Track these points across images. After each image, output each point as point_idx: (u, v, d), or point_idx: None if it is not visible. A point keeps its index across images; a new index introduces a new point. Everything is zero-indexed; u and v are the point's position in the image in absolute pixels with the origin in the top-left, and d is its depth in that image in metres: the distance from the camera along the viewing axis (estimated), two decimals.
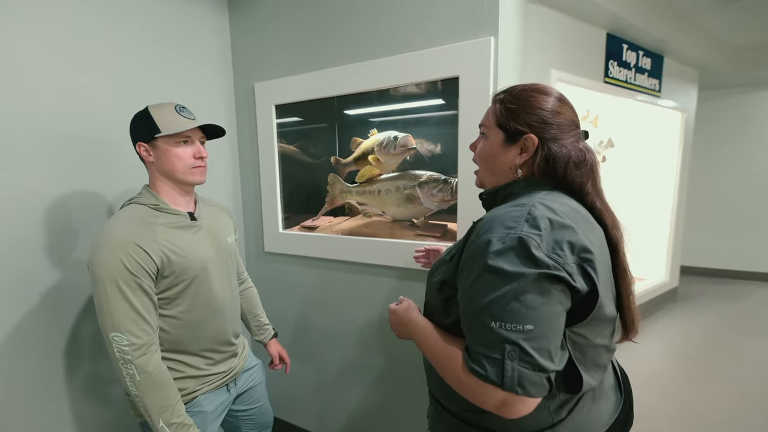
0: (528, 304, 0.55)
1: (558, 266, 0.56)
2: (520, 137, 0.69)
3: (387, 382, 1.53)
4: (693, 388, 2.35)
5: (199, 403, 1.03)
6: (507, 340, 0.56)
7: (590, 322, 0.62)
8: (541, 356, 0.55)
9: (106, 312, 0.87)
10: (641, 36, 2.58)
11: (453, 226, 1.30)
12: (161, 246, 0.93)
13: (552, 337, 0.56)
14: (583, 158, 0.68)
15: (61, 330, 1.26)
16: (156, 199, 0.98)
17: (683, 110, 3.45)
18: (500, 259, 0.57)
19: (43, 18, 1.17)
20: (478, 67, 1.15)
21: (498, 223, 0.61)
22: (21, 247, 1.15)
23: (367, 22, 1.36)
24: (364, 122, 1.44)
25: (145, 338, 0.89)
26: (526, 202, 0.63)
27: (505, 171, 0.72)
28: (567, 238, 0.58)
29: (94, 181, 1.31)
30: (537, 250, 0.56)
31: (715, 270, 4.67)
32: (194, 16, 1.57)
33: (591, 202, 0.68)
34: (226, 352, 1.10)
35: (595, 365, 0.66)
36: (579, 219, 0.63)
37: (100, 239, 0.89)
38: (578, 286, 0.57)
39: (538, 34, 2.01)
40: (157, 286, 0.94)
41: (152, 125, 0.96)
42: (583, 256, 0.59)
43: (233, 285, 1.14)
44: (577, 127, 0.71)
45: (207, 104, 1.65)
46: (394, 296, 1.45)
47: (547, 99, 0.69)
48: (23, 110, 1.14)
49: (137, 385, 0.88)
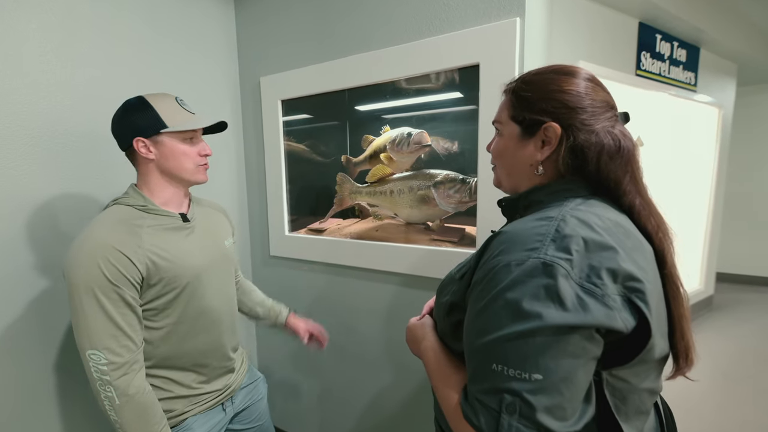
0: (541, 348, 0.44)
1: (593, 300, 0.44)
2: (538, 128, 0.56)
3: (398, 395, 1.42)
4: (733, 409, 2.14)
5: (188, 426, 0.93)
6: (507, 389, 0.45)
7: (635, 364, 0.49)
8: (548, 414, 0.43)
9: (82, 326, 0.78)
10: (676, 25, 2.39)
11: (471, 230, 1.18)
12: (147, 251, 0.83)
13: (568, 392, 0.44)
14: (618, 146, 0.54)
15: (47, 334, 1.20)
16: (144, 199, 0.89)
17: (720, 106, 3.23)
18: (515, 289, 0.46)
19: (42, 9, 1.12)
20: (501, 52, 1.02)
21: (518, 241, 0.49)
22: (15, 247, 1.11)
23: (378, 8, 1.26)
24: (376, 118, 1.34)
25: (127, 356, 0.80)
26: (555, 214, 0.51)
27: (525, 169, 0.59)
28: (606, 265, 0.46)
29: (95, 180, 1.25)
30: (565, 279, 0.44)
31: (753, 277, 4.38)
32: (198, 7, 1.50)
33: (630, 203, 0.55)
34: (222, 367, 1.00)
35: (638, 413, 0.53)
36: (622, 235, 0.50)
37: (77, 243, 0.80)
38: (620, 326, 0.45)
39: (563, 22, 1.87)
40: (142, 296, 0.85)
41: (155, 118, 0.86)
42: (630, 285, 0.46)
43: (231, 293, 1.04)
44: (612, 109, 0.57)
45: (212, 100, 1.58)
46: (406, 306, 1.34)
47: (569, 80, 0.56)
48: (20, 106, 1.09)
49: (116, 410, 0.79)
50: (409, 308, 1.33)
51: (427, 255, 1.26)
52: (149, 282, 0.84)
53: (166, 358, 0.90)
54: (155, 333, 0.88)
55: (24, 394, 1.15)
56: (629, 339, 0.47)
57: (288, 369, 1.72)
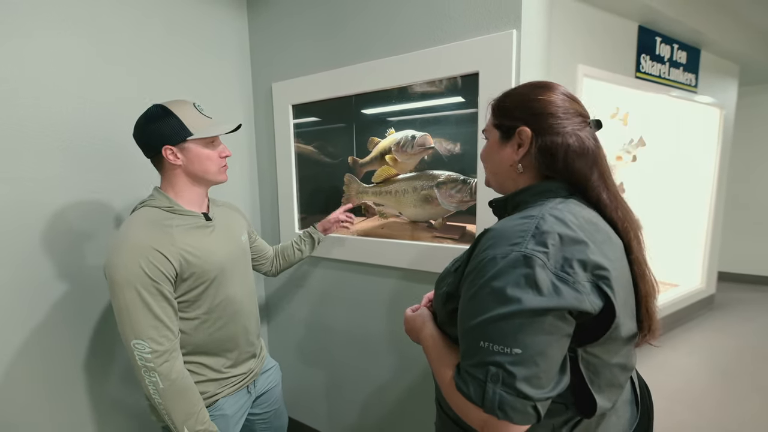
0: (520, 327, 0.51)
1: (565, 286, 0.51)
2: (514, 132, 0.66)
3: (402, 384, 1.49)
4: (731, 403, 2.19)
5: (220, 407, 1.02)
6: (492, 362, 0.53)
7: (605, 341, 0.57)
8: (526, 383, 0.51)
9: (126, 319, 0.85)
10: (676, 28, 2.44)
11: (472, 227, 1.25)
12: (179, 249, 0.91)
13: (543, 364, 0.52)
14: (583, 147, 0.62)
15: (74, 335, 1.28)
16: (169, 201, 0.96)
17: (721, 106, 3.25)
18: (500, 278, 0.53)
19: (66, 18, 1.19)
20: (499, 61, 1.09)
21: (503, 237, 0.57)
22: (38, 249, 1.17)
23: (383, 19, 1.33)
24: (381, 121, 1.41)
25: (167, 345, 0.87)
26: (536, 213, 0.58)
27: (506, 169, 0.69)
28: (578, 256, 0.53)
29: (121, 183, 1.32)
30: (542, 269, 0.52)
31: (754, 276, 4.39)
32: (214, 16, 1.58)
33: (596, 196, 0.62)
34: (247, 352, 1.09)
35: (610, 385, 0.61)
36: (593, 231, 0.57)
37: (116, 244, 0.87)
38: (588, 308, 0.52)
39: (563, 27, 1.93)
40: (176, 289, 0.92)
41: (180, 127, 0.92)
42: (598, 273, 0.54)
43: (250, 284, 1.13)
44: (581, 116, 0.65)
45: (226, 104, 1.66)
46: (409, 299, 1.41)
47: (542, 91, 0.65)
48: (41, 111, 1.15)
49: (161, 393, 0.86)
50: (412, 300, 1.39)
51: (429, 251, 1.33)
52: (182, 277, 0.92)
53: (199, 345, 0.98)
54: (189, 323, 0.96)
55: (51, 389, 1.23)
56: (598, 319, 0.54)
57: (296, 358, 1.80)
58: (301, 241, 1.40)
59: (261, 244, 1.32)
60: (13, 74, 1.10)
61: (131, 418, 1.41)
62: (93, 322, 1.30)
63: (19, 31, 1.10)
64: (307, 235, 1.41)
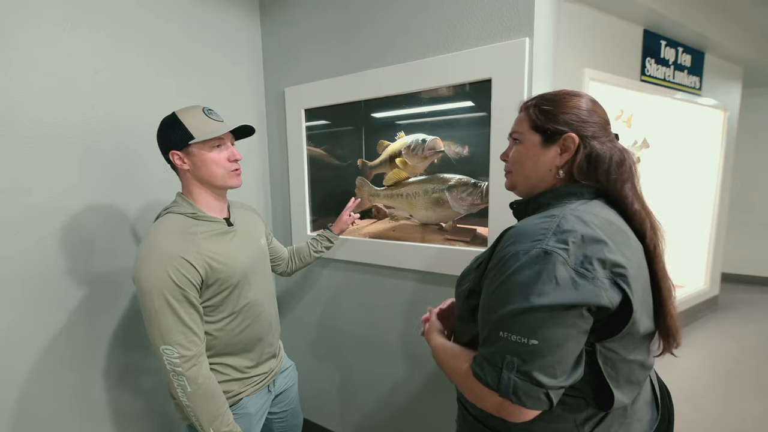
0: (539, 320, 0.54)
1: (584, 282, 0.54)
2: (559, 137, 0.68)
3: (413, 385, 1.52)
4: (735, 403, 2.21)
5: (243, 405, 1.04)
6: (509, 351, 0.56)
7: (623, 337, 0.59)
8: (540, 372, 0.54)
9: (155, 325, 0.87)
10: (680, 31, 2.46)
11: (482, 230, 1.27)
12: (204, 256, 0.93)
13: (558, 356, 0.55)
14: (623, 158, 0.66)
15: (93, 339, 1.30)
16: (192, 207, 0.97)
17: (725, 109, 3.27)
18: (521, 272, 0.56)
19: (80, 24, 1.20)
20: (512, 68, 1.12)
21: (525, 234, 0.60)
22: (53, 255, 1.19)
23: (397, 26, 1.35)
24: (390, 125, 1.43)
25: (194, 349, 0.90)
26: (558, 213, 0.61)
27: (544, 173, 0.70)
28: (597, 255, 0.56)
29: (128, 187, 1.34)
30: (562, 265, 0.54)
31: (758, 278, 4.40)
32: (228, 21, 1.61)
33: (631, 205, 0.65)
34: (268, 352, 1.12)
35: (629, 382, 0.63)
36: (613, 231, 0.60)
37: (145, 253, 0.89)
38: (606, 303, 0.55)
39: (570, 32, 1.95)
40: (201, 295, 0.94)
41: (184, 131, 0.94)
42: (616, 271, 0.56)
43: (270, 285, 1.15)
44: (609, 126, 0.70)
45: (238, 108, 1.68)
46: (421, 300, 1.44)
47: (580, 100, 0.69)
48: (55, 117, 1.16)
49: (189, 396, 0.89)
50: (424, 302, 1.43)
51: (441, 253, 1.35)
52: (207, 283, 0.94)
53: (223, 346, 1.01)
54: (213, 326, 0.98)
55: (69, 394, 1.25)
56: (616, 315, 0.57)
57: (308, 359, 1.82)
58: (318, 244, 1.44)
59: (277, 246, 1.34)
60: (24, 80, 1.10)
61: (148, 423, 1.44)
62: (111, 327, 1.32)
63: (32, 37, 1.11)
64: (323, 238, 1.45)
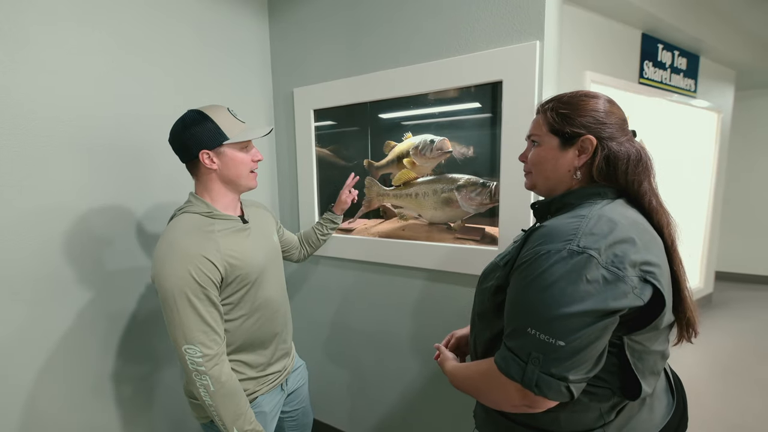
0: (569, 324, 0.56)
1: (616, 280, 0.56)
2: (576, 139, 0.69)
3: (424, 384, 1.53)
4: (731, 397, 2.26)
5: (259, 404, 1.05)
6: (536, 347, 0.58)
7: (649, 329, 0.62)
8: (564, 368, 0.57)
9: (177, 325, 0.86)
10: (677, 35, 2.51)
11: (490, 229, 1.30)
12: (224, 254, 0.93)
13: (584, 356, 0.57)
14: (640, 156, 0.68)
15: (100, 339, 1.31)
16: (207, 206, 0.97)
17: (719, 110, 3.34)
18: (553, 271, 0.58)
19: (89, 23, 1.20)
20: (522, 71, 1.14)
21: (556, 234, 0.61)
22: (62, 252, 1.18)
23: (408, 28, 1.37)
24: (396, 125, 1.45)
25: (216, 348, 0.90)
26: (586, 213, 0.63)
27: (563, 174, 0.72)
28: (627, 254, 0.57)
29: (134, 187, 1.33)
30: (594, 265, 0.56)
31: (751, 276, 4.49)
32: (237, 22, 1.62)
33: (648, 202, 0.68)
34: (281, 350, 1.12)
35: (652, 372, 0.66)
36: (640, 231, 0.62)
37: (165, 252, 0.88)
38: (637, 302, 0.57)
39: (572, 35, 1.99)
40: (221, 293, 0.94)
41: (217, 131, 0.93)
42: (645, 269, 0.58)
43: (283, 282, 1.16)
44: (627, 124, 0.72)
45: (248, 108, 1.69)
46: (432, 299, 1.46)
47: (597, 101, 0.70)
48: (62, 117, 1.15)
49: (212, 395, 0.89)
50: (434, 300, 1.44)
51: (451, 252, 1.37)
52: (227, 281, 0.94)
53: (241, 344, 1.01)
54: (231, 324, 0.99)
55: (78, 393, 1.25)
56: (645, 309, 0.59)
57: (318, 358, 1.83)
58: (323, 227, 1.47)
59: (288, 236, 1.37)
60: (32, 80, 1.10)
61: (157, 423, 1.44)
62: (120, 326, 1.33)
63: (39, 38, 1.10)
64: (327, 220, 1.48)
